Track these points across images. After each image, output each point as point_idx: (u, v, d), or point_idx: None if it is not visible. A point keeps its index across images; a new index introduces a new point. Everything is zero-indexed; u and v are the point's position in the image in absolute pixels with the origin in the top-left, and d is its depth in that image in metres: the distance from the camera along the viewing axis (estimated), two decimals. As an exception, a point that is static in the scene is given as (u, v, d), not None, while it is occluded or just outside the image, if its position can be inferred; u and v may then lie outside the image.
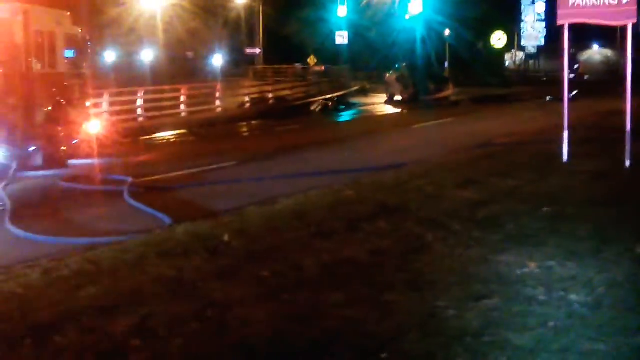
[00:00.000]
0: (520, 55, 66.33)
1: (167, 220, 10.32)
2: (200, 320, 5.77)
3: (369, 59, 55.92)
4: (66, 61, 17.94)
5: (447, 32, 50.89)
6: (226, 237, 8.29)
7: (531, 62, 64.77)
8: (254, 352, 5.22)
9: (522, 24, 53.52)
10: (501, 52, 62.05)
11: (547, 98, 33.97)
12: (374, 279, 6.77)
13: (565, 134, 13.30)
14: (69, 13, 18.82)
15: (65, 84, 17.82)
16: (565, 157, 13.29)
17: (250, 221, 9.33)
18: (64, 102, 17.51)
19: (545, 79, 54.58)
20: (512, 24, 56.13)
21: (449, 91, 39.91)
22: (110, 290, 6.62)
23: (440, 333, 5.48)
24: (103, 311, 6.01)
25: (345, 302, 6.13)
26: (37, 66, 16.56)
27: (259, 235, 8.47)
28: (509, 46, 60.47)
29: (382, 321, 5.72)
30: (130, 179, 13.72)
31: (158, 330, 5.58)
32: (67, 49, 17.96)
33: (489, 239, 8.03)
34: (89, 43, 20.41)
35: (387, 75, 43.43)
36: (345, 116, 34.63)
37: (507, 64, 68.33)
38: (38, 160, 16.55)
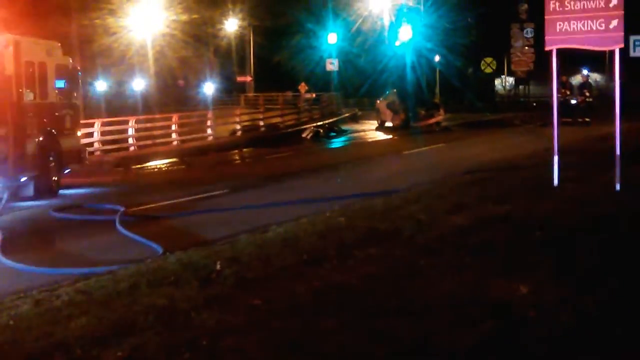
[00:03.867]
0: (510, 80, 66.66)
1: (158, 249, 10.31)
2: (192, 350, 5.75)
3: (360, 86, 56.15)
4: (57, 91, 17.99)
5: (437, 58, 51.14)
6: (218, 266, 8.28)
7: (521, 87, 65.03)
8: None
9: (512, 50, 53.78)
10: (491, 78, 62.36)
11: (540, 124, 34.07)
12: (366, 305, 6.76)
13: (556, 159, 13.36)
14: (59, 44, 18.89)
15: (56, 113, 17.86)
16: (555, 181, 13.34)
17: (242, 249, 9.32)
18: (55, 132, 17.52)
19: (535, 104, 54.83)
20: (501, 49, 56.41)
21: (440, 117, 40.03)
22: (102, 320, 6.60)
23: (433, 359, 5.48)
24: (94, 341, 5.99)
25: (337, 329, 6.13)
26: (28, 96, 16.59)
27: (250, 263, 8.47)
28: (498, 71, 60.75)
29: (374, 347, 5.71)
30: (122, 208, 13.72)
31: (149, 361, 5.56)
32: (58, 79, 18.02)
33: (480, 264, 8.04)
34: (79, 73, 20.45)
35: (378, 101, 43.60)
36: (337, 143, 34.72)
37: (497, 89, 68.68)
38: (29, 190, 16.55)
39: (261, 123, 39.09)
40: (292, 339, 5.92)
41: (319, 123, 39.98)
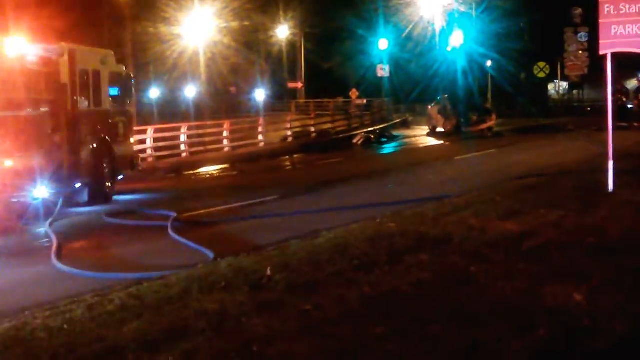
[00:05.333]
0: (564, 85, 65.84)
1: (210, 254, 10.37)
2: (243, 356, 5.76)
3: (411, 91, 55.96)
4: (111, 99, 18.25)
5: (489, 63, 50.77)
6: (268, 271, 8.29)
7: (575, 91, 64.23)
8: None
9: (565, 54, 53.13)
10: (544, 83, 61.69)
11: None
12: (417, 311, 6.71)
13: (611, 164, 13.13)
14: (113, 52, 19.18)
15: (110, 121, 18.12)
16: (610, 187, 13.11)
17: (292, 255, 9.33)
18: (109, 139, 17.78)
19: (589, 108, 54.09)
20: (555, 54, 55.77)
21: (492, 122, 39.73)
22: (154, 325, 6.65)
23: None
24: (146, 346, 6.04)
25: (387, 335, 6.09)
26: (82, 104, 16.86)
27: (301, 269, 8.46)
28: (552, 76, 60.03)
29: (425, 354, 5.66)
30: (174, 214, 13.84)
31: (200, 365, 5.58)
32: (111, 87, 18.29)
33: (533, 270, 7.93)
34: (133, 80, 20.73)
35: (429, 107, 43.42)
36: (388, 148, 34.63)
37: (550, 94, 67.88)
38: (83, 196, 16.81)
39: (312, 129, 39.19)
40: (342, 345, 5.90)
41: (370, 129, 39.94)
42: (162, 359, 5.74)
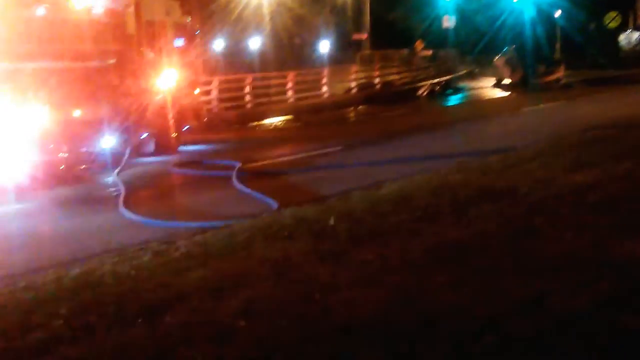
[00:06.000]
0: (636, 35, 63.99)
1: (274, 204, 10.45)
2: (306, 303, 5.81)
3: (477, 43, 55.00)
4: (176, 50, 18.37)
5: (557, 13, 49.54)
6: (331, 221, 8.32)
7: (648, 42, 62.35)
8: (358, 334, 5.21)
9: (637, 3, 51.55)
10: (615, 33, 60.00)
11: None
12: (480, 262, 6.66)
13: (683, 116, 12.76)
14: (178, 3, 19.25)
15: (176, 72, 18.25)
16: (683, 139, 12.76)
17: (355, 205, 9.34)
18: (175, 90, 17.93)
19: (663, 59, 52.48)
20: (627, 3, 54.12)
21: (560, 73, 38.90)
22: (218, 272, 6.74)
23: (546, 318, 5.35)
24: (211, 292, 6.13)
25: (450, 286, 6.06)
26: (148, 55, 17.02)
27: (364, 219, 8.46)
28: (623, 26, 58.34)
29: (486, 305, 5.62)
30: (238, 164, 13.95)
31: (264, 312, 5.64)
32: (177, 38, 18.40)
33: (600, 223, 7.79)
34: (197, 32, 20.80)
35: (496, 58, 42.67)
36: (453, 100, 34.25)
37: (621, 44, 66.08)
38: (150, 147, 17.07)
39: (376, 81, 38.88)
40: (404, 295, 5.89)
41: (434, 80, 39.48)
42: (226, 305, 5.82)
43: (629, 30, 60.45)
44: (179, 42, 18.58)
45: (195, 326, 5.44)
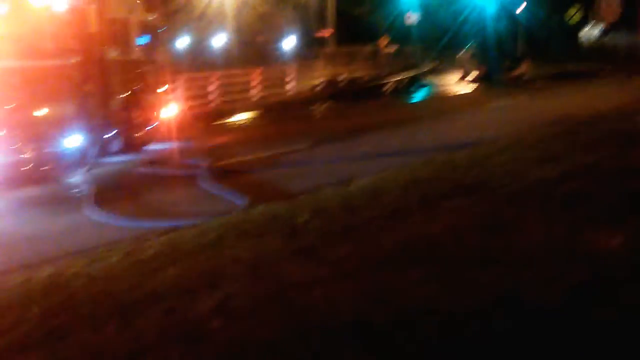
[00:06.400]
0: (597, 30, 64.70)
1: (243, 202, 10.38)
2: (280, 301, 5.76)
3: (440, 39, 55.24)
4: (140, 48, 18.20)
5: (520, 8, 49.89)
6: (302, 218, 8.27)
7: (608, 37, 63.02)
8: (334, 331, 5.17)
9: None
10: (577, 28, 60.56)
11: None
12: (452, 257, 6.65)
13: (647, 108, 12.89)
14: (141, 0, 19.06)
15: (139, 70, 18.09)
16: (647, 131, 12.89)
17: (326, 202, 9.30)
18: (139, 89, 17.77)
19: (623, 54, 53.11)
20: (587, -2, 54.71)
21: (523, 69, 39.20)
22: (189, 272, 6.67)
23: (520, 311, 5.35)
24: (184, 292, 6.05)
25: (423, 281, 6.05)
26: (111, 54, 16.83)
27: (335, 216, 8.43)
28: (585, 21, 58.94)
29: (461, 299, 5.61)
30: (206, 163, 13.85)
31: (238, 311, 5.58)
32: (140, 36, 18.22)
33: (571, 215, 7.82)
34: (161, 29, 20.64)
35: (459, 54, 42.89)
36: (418, 96, 34.35)
37: (583, 39, 66.75)
38: (116, 145, 16.88)
39: (342, 77, 38.86)
40: (379, 290, 5.87)
41: (399, 77, 39.57)
42: (200, 304, 5.75)
43: (589, 26, 61.08)
44: (143, 40, 18.40)
45: (168, 326, 5.37)
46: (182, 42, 50.10)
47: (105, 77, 16.48)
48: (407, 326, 5.17)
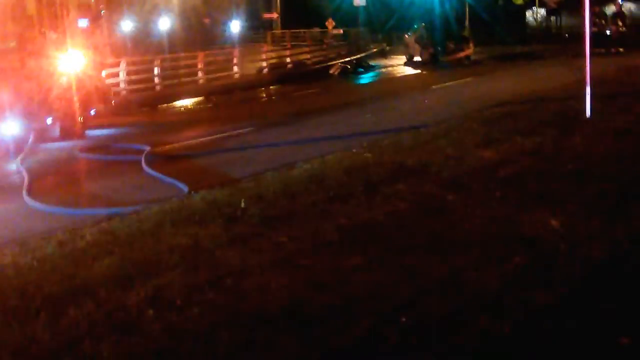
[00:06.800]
0: (542, 12, 65.33)
1: (184, 188, 10.22)
2: (217, 289, 5.66)
3: (387, 20, 55.30)
4: (80, 31, 17.84)
5: (466, -10, 50.10)
6: (243, 204, 8.17)
7: (553, 18, 63.66)
8: (272, 319, 5.09)
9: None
10: (522, 10, 61.07)
11: None
12: (393, 241, 6.61)
13: (588, 90, 13.01)
14: (81, -18, 18.70)
15: (80, 54, 17.72)
16: (588, 113, 13.01)
17: (267, 187, 9.20)
18: (80, 73, 17.41)
19: (567, 35, 53.70)
20: (532, -21, 55.23)
21: (469, 50, 39.39)
22: (126, 260, 6.53)
23: (461, 295, 5.33)
24: (118, 282, 5.91)
25: (364, 266, 6.00)
26: (51, 37, 16.46)
27: (276, 201, 8.34)
28: (529, 3, 59.46)
29: (401, 284, 5.58)
30: (147, 148, 13.63)
31: (174, 300, 5.47)
32: (80, 19, 17.86)
33: (511, 198, 7.85)
34: (102, 12, 20.26)
35: (406, 36, 42.97)
36: (364, 79, 34.33)
37: (528, 21, 67.33)
38: (55, 131, 16.54)
39: (288, 60, 38.67)
40: (318, 277, 5.80)
41: (346, 59, 39.51)
42: (135, 294, 5.62)
43: (534, 8, 61.69)
44: (83, 23, 18.05)
45: (101, 317, 5.24)
46: (126, 25, 49.40)
47: (44, 61, 16.10)
48: (343, 312, 5.11)
